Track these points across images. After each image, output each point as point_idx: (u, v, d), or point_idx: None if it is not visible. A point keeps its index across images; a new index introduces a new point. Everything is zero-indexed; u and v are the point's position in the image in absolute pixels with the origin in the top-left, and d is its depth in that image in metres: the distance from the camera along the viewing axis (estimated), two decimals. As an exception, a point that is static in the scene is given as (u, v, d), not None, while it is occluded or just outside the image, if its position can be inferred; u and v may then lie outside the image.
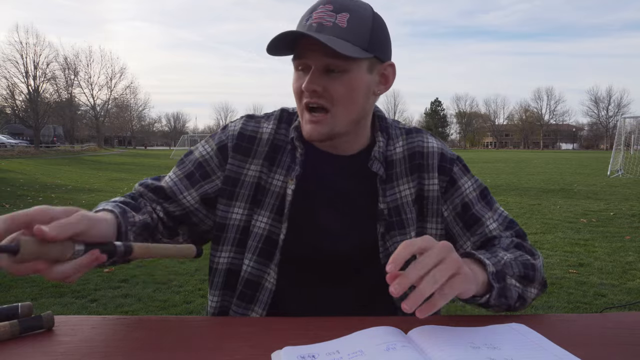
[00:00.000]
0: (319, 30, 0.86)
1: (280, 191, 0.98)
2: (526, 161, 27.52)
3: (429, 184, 1.01)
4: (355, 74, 0.90)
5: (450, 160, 1.03)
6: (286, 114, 1.05)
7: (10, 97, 39.57)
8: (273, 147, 1.00)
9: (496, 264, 0.83)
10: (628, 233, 5.69)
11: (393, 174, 1.01)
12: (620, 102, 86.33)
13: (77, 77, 51.83)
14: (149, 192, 1.00)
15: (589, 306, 3.26)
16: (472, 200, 1.01)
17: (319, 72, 0.89)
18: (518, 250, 0.93)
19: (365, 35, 0.89)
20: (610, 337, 0.75)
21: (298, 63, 0.92)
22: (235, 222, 0.99)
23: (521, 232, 1.01)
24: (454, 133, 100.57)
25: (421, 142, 1.03)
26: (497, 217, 1.01)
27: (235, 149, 1.00)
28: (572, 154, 51.23)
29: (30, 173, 16.05)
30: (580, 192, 10.27)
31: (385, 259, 0.98)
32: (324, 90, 0.89)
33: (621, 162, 15.79)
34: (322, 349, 0.67)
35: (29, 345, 0.69)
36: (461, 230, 1.01)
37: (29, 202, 8.66)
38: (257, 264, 0.98)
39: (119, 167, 21.30)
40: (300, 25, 0.90)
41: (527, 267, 0.89)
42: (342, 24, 0.86)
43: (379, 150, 0.99)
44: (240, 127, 1.02)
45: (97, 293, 3.48)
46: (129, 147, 75.56)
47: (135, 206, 0.92)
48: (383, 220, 0.98)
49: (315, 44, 0.85)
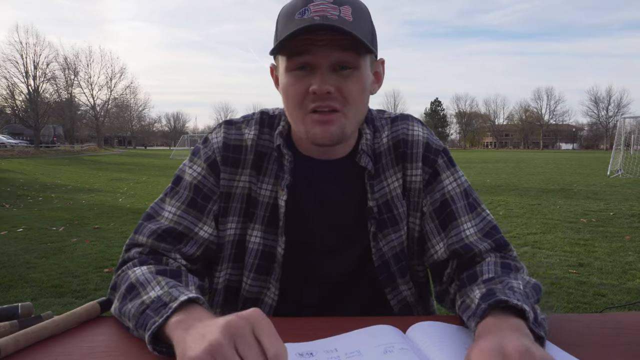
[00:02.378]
0: (324, 22, 0.76)
1: (270, 201, 0.93)
2: (526, 161, 27.51)
3: (412, 174, 0.95)
4: (363, 71, 0.83)
5: (435, 151, 0.96)
6: (267, 117, 0.96)
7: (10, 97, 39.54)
8: (258, 154, 0.93)
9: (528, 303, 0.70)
10: (628, 233, 5.68)
11: (380, 167, 0.94)
12: (620, 102, 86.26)
13: (77, 77, 51.77)
14: (161, 242, 0.87)
15: (589, 306, 3.25)
16: (454, 197, 0.93)
17: (329, 71, 0.81)
18: (510, 271, 0.83)
19: (368, 29, 0.83)
20: (610, 337, 0.75)
21: (298, 61, 0.81)
22: (229, 238, 0.94)
23: (502, 241, 0.91)
24: (454, 133, 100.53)
25: (405, 129, 0.96)
26: (478, 222, 0.92)
27: (224, 161, 0.92)
28: (572, 154, 51.20)
29: (30, 173, 16.04)
30: (580, 192, 10.26)
31: (378, 260, 0.95)
32: (336, 91, 0.81)
33: (621, 162, 15.78)
34: (321, 347, 0.67)
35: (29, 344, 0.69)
36: (435, 228, 0.93)
37: (29, 202, 8.66)
38: (254, 281, 0.94)
39: (119, 167, 21.29)
40: (292, 19, 0.79)
41: (537, 292, 0.78)
42: (348, 17, 0.78)
43: (366, 143, 0.93)
44: (223, 137, 0.94)
45: (97, 293, 3.48)
46: (128, 147, 75.47)
47: (175, 273, 0.80)
48: (373, 218, 0.93)
49: (323, 39, 0.78)
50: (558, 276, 3.96)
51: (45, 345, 0.70)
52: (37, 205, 8.29)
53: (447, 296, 0.91)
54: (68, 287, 3.60)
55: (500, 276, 0.80)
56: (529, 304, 0.69)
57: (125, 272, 0.82)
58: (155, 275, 0.77)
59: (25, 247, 4.95)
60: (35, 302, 3.27)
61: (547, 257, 4.61)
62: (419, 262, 1.00)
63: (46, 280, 3.78)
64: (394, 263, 0.96)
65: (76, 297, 3.39)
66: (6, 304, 0.77)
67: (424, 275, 1.03)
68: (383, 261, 0.95)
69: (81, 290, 3.53)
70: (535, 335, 0.65)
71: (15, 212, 7.46)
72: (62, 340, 0.72)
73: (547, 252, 4.82)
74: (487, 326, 0.66)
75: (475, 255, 0.88)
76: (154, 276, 0.77)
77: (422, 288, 1.04)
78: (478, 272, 0.83)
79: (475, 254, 0.88)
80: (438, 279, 0.96)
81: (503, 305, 0.68)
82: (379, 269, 0.96)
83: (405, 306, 0.99)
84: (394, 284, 0.97)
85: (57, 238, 5.32)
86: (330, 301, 0.98)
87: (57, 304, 3.24)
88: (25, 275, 3.91)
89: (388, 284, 0.97)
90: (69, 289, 3.55)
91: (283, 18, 0.82)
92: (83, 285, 3.66)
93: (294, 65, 0.82)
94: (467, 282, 0.83)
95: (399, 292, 0.98)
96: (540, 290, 0.80)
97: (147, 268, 0.80)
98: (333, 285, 0.98)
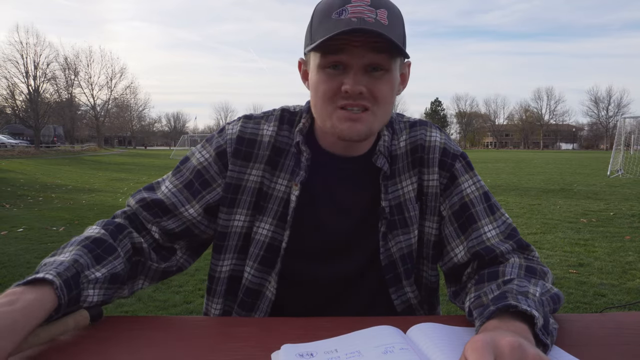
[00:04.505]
0: (362, 25, 0.77)
1: (284, 196, 0.94)
2: (526, 161, 27.51)
3: (428, 179, 0.96)
4: (394, 73, 0.85)
5: (452, 155, 0.97)
6: (287, 114, 0.98)
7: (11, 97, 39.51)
8: (275, 150, 0.95)
9: (540, 310, 0.69)
10: (628, 233, 5.68)
11: (396, 169, 0.96)
12: (620, 102, 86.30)
13: (77, 77, 51.77)
14: (145, 210, 0.93)
15: (589, 306, 3.25)
16: (473, 201, 0.94)
17: (362, 72, 0.82)
18: (534, 277, 0.81)
19: (401, 33, 0.84)
20: (610, 337, 0.75)
21: (332, 60, 0.82)
22: (237, 230, 0.95)
23: (523, 243, 0.91)
24: (454, 133, 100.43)
25: (424, 134, 0.98)
26: (499, 224, 0.92)
27: (235, 154, 0.94)
28: (572, 154, 51.20)
29: (31, 173, 16.03)
30: (580, 192, 10.26)
31: (385, 260, 0.95)
32: (368, 92, 0.82)
33: (621, 162, 15.78)
34: (321, 347, 0.67)
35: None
36: (455, 231, 0.94)
37: (29, 202, 8.66)
38: (257, 272, 0.95)
39: (119, 167, 21.29)
40: (329, 19, 0.80)
41: (555, 302, 0.77)
42: (384, 21, 0.79)
43: (383, 144, 0.94)
44: (239, 130, 0.95)
45: (97, 293, 3.48)
46: (129, 147, 75.48)
47: (108, 248, 0.83)
48: (384, 219, 0.94)
49: (359, 40, 0.79)
50: (558, 276, 3.96)
51: (44, 345, 0.70)
52: (38, 205, 8.29)
53: (463, 292, 0.91)
54: (68, 287, 3.60)
55: (521, 280, 0.79)
56: (542, 312, 0.68)
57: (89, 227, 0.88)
58: (82, 242, 0.82)
59: (26, 247, 4.95)
60: (36, 302, 3.27)
61: (547, 257, 4.61)
62: (432, 267, 1.00)
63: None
64: (401, 264, 0.96)
65: (76, 297, 3.39)
66: (6, 304, 0.77)
67: (436, 280, 1.02)
68: (390, 261, 0.96)
69: (81, 290, 3.52)
70: (540, 342, 0.64)
71: (16, 212, 7.46)
72: (62, 339, 0.72)
73: (547, 252, 4.82)
74: (487, 327, 0.66)
75: (497, 256, 0.88)
76: (80, 244, 0.81)
77: (431, 294, 1.03)
78: (500, 272, 0.83)
79: (497, 255, 0.88)
80: (455, 281, 0.96)
81: (513, 310, 0.67)
82: (386, 268, 0.96)
83: (408, 307, 0.99)
84: (399, 285, 0.97)
85: (58, 238, 5.34)
86: (334, 299, 0.98)
87: (57, 304, 3.24)
88: (26, 275, 3.90)
89: (393, 284, 0.97)
90: (69, 289, 3.55)
91: (319, 15, 0.83)
92: (83, 285, 3.66)
93: (328, 63, 0.83)
94: (486, 279, 0.83)
95: (403, 292, 0.98)
96: (560, 301, 0.78)
97: (95, 230, 0.86)
98: (338, 282, 0.98)
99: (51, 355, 0.67)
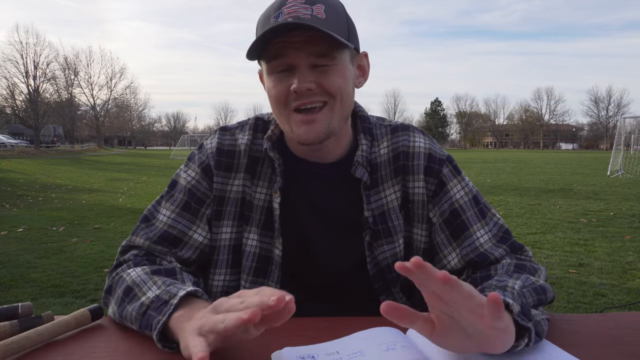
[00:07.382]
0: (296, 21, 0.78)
1: (265, 204, 0.93)
2: (526, 161, 27.51)
3: (413, 187, 0.94)
4: (344, 65, 0.85)
5: (439, 161, 0.95)
6: (261, 122, 0.98)
7: (10, 97, 39.52)
8: (251, 159, 0.95)
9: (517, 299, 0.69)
10: (628, 233, 5.68)
11: (377, 177, 0.94)
12: (620, 102, 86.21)
13: (77, 77, 51.70)
14: (157, 245, 0.90)
15: (589, 306, 3.25)
16: (463, 206, 0.93)
17: (307, 70, 0.82)
18: (521, 273, 0.82)
19: (343, 25, 0.84)
20: (610, 337, 0.75)
21: (277, 64, 0.83)
22: (225, 243, 0.94)
23: (516, 245, 0.91)
24: (454, 133, 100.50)
25: (407, 141, 0.96)
26: (490, 228, 0.92)
27: (217, 166, 0.94)
28: (572, 154, 51.20)
29: (31, 173, 16.04)
30: (580, 192, 10.26)
31: (373, 269, 0.95)
32: (318, 86, 0.82)
33: (621, 162, 15.78)
34: (322, 350, 0.67)
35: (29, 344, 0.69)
36: (447, 239, 0.92)
37: (29, 202, 8.66)
38: (253, 284, 0.94)
39: (119, 167, 21.29)
40: (268, 24, 0.81)
41: (538, 292, 0.77)
42: (321, 15, 0.80)
43: (362, 154, 0.92)
44: (217, 142, 0.95)
45: (97, 293, 3.48)
46: (129, 147, 75.44)
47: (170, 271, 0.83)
48: (368, 228, 0.93)
49: (297, 40, 0.80)
50: (558, 276, 3.96)
51: (44, 345, 0.70)
52: (38, 205, 8.29)
53: None
54: (68, 287, 3.60)
55: (501, 275, 0.80)
56: (518, 300, 0.67)
57: (119, 274, 0.84)
58: (151, 276, 0.79)
59: (26, 247, 4.95)
60: (36, 302, 3.28)
61: (547, 257, 4.61)
62: None
63: (46, 280, 3.78)
64: (388, 273, 0.96)
65: (76, 297, 3.39)
66: (6, 303, 0.77)
67: None
68: (378, 270, 0.96)
69: (81, 290, 3.53)
70: (522, 327, 0.64)
71: (16, 212, 7.46)
72: (62, 339, 0.72)
73: (547, 252, 4.82)
74: None
75: (492, 262, 0.89)
76: (150, 276, 0.78)
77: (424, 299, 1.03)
78: (492, 272, 0.85)
79: (491, 262, 0.89)
80: None
81: None
82: (374, 278, 0.96)
83: None
84: (388, 292, 0.97)
85: (57, 238, 5.33)
86: (321, 305, 0.97)
87: (58, 304, 3.24)
88: (26, 275, 3.91)
89: (383, 292, 0.97)
90: (69, 289, 3.55)
91: (260, 23, 0.84)
92: (83, 285, 3.66)
93: (274, 68, 0.84)
94: (479, 282, 0.84)
95: (393, 299, 0.97)
96: (545, 292, 0.77)
97: (141, 269, 0.82)
98: (329, 289, 0.97)
99: (51, 355, 0.67)
